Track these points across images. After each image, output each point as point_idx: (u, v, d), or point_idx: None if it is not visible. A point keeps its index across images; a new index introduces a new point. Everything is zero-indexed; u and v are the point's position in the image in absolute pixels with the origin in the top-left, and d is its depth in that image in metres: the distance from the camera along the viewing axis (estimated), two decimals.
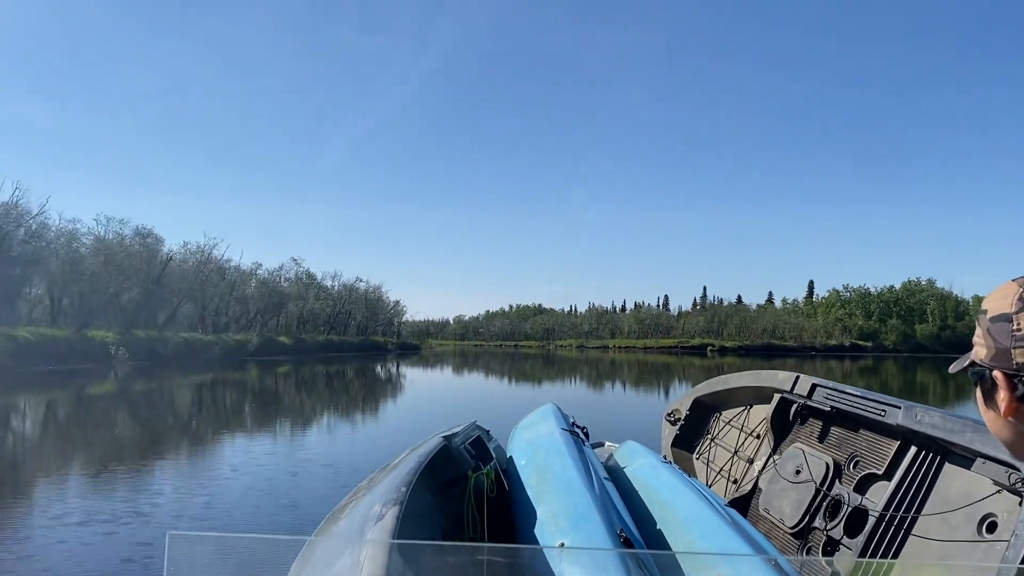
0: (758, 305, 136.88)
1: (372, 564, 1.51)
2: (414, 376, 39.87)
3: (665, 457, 4.45)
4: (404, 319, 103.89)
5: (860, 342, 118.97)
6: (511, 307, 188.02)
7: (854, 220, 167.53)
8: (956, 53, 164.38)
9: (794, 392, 4.24)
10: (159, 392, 25.55)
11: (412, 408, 21.95)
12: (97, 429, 15.12)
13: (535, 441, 3.47)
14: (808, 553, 3.48)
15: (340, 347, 67.41)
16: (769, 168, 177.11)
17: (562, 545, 2.19)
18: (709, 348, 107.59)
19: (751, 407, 4.93)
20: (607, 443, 5.04)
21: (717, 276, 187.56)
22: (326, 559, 1.68)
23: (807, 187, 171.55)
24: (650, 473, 3.31)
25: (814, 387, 4.08)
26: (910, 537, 2.97)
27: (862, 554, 3.07)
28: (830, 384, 3.99)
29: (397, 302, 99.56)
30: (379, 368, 46.47)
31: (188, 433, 15.02)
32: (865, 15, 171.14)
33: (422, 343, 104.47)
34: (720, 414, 5.31)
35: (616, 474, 3.51)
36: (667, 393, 27.99)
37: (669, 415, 5.64)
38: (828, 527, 3.42)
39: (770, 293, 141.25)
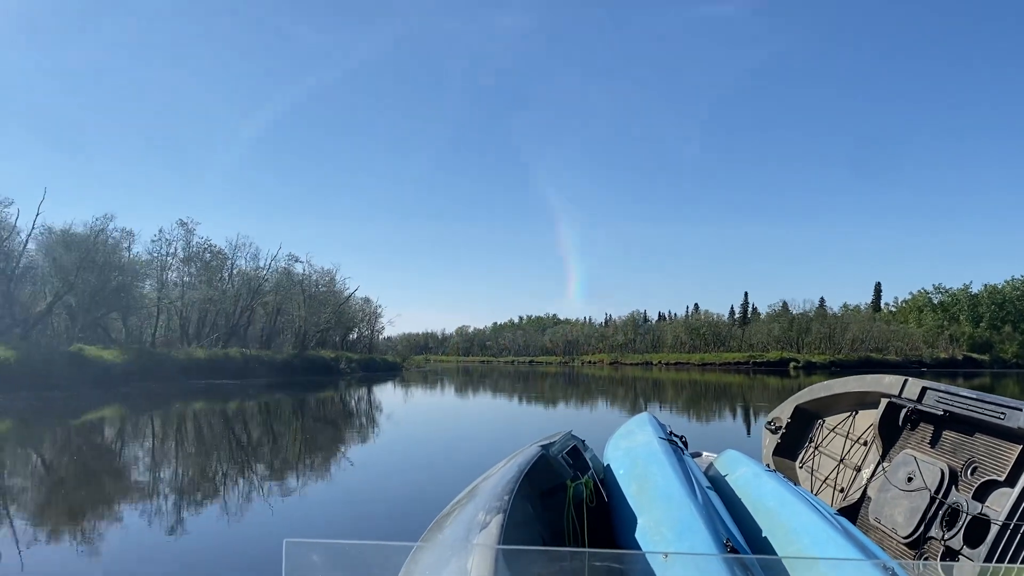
0: (815, 310, 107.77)
1: (479, 569, 1.59)
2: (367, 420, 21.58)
3: (768, 466, 4.23)
4: (382, 327, 73.26)
5: (974, 355, 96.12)
6: (522, 318, 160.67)
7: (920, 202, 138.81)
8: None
9: (903, 396, 4.11)
10: None
11: None
12: None
13: (633, 450, 3.49)
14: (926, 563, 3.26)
15: (244, 369, 38.98)
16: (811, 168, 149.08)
17: (667, 555, 2.15)
18: (792, 364, 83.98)
19: (856, 413, 4.77)
20: (705, 453, 5.14)
21: (754, 282, 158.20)
22: (434, 564, 1.75)
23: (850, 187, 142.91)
24: (754, 482, 3.28)
25: (924, 390, 3.96)
26: None
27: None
28: (942, 387, 3.86)
29: (366, 298, 68.98)
30: (302, 405, 25.95)
31: None
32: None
33: (405, 359, 74.15)
34: (823, 421, 5.19)
35: (718, 483, 3.53)
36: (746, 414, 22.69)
37: (769, 423, 5.63)
38: (946, 537, 3.27)
39: (822, 299, 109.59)
